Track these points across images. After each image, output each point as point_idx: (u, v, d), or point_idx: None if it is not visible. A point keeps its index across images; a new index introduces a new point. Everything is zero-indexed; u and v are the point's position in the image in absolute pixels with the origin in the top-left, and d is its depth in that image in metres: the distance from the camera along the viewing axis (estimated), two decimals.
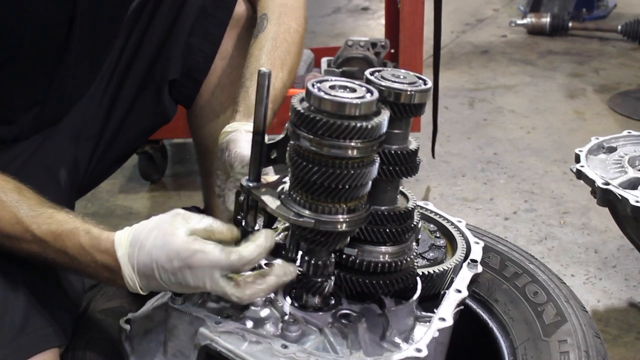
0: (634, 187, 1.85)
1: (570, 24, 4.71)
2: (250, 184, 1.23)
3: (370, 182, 1.19)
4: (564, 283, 1.59)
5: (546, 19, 4.69)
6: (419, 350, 1.20)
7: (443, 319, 1.29)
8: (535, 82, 4.01)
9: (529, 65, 4.26)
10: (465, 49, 4.55)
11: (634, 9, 5.06)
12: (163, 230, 1.18)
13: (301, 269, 1.27)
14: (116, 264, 1.22)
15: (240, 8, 1.76)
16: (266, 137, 1.21)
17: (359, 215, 1.20)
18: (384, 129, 1.14)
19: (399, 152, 1.22)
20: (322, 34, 4.74)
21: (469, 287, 1.41)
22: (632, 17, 4.56)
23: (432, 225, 1.60)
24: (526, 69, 4.20)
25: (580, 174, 1.94)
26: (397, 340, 1.27)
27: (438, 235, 1.57)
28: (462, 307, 1.38)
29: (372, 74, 1.22)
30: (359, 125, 1.10)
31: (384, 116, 1.14)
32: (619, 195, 1.80)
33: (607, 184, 1.84)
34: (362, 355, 1.19)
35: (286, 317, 1.26)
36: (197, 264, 1.16)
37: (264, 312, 1.29)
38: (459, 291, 1.38)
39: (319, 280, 1.27)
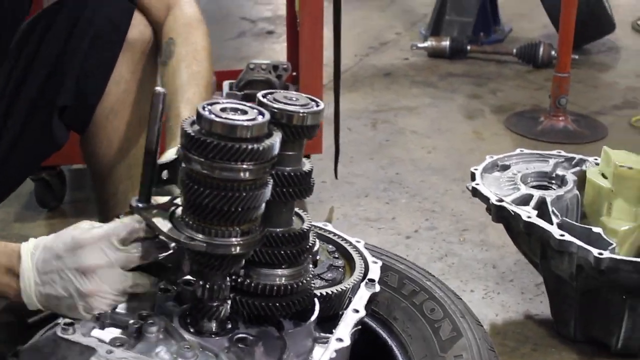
0: (526, 203, 1.92)
1: (469, 47, 4.85)
2: (140, 205, 1.21)
3: (263, 204, 1.19)
4: (460, 299, 1.62)
5: (446, 42, 4.82)
6: None
7: (340, 340, 1.29)
8: (436, 103, 4.11)
9: (430, 87, 4.36)
10: (369, 72, 4.63)
11: (528, 33, 5.25)
12: (63, 231, 1.24)
13: (196, 293, 1.25)
14: (18, 262, 1.21)
15: (135, 31, 1.74)
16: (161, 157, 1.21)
17: (253, 238, 1.19)
18: (276, 150, 1.15)
19: (292, 173, 1.23)
20: (227, 57, 4.72)
21: (367, 307, 1.42)
22: (527, 41, 4.75)
23: (330, 246, 1.60)
24: (427, 91, 4.30)
25: (475, 192, 2.00)
26: None
27: (337, 255, 1.57)
28: (359, 326, 1.38)
29: (264, 96, 1.22)
30: (250, 147, 1.10)
31: (276, 138, 1.15)
32: (512, 211, 1.86)
33: (501, 200, 1.91)
34: None
35: (181, 344, 1.24)
36: (88, 240, 1.20)
37: (159, 340, 1.26)
38: (357, 311, 1.39)
39: (215, 304, 1.25)
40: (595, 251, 1.78)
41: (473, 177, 2.06)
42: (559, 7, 3.58)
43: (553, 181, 2.11)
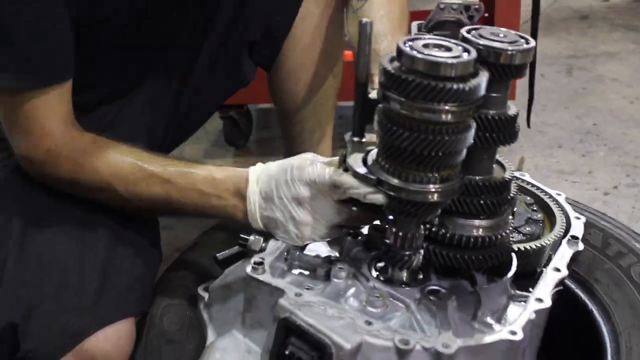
0: None
1: None
2: (355, 139, 1.20)
3: (465, 150, 1.10)
4: None
5: None
6: (513, 333, 1.11)
7: (540, 300, 1.19)
8: None
9: (632, 32, 4.01)
10: (564, 14, 4.33)
11: None
12: (286, 160, 1.29)
13: (388, 241, 1.19)
14: (246, 185, 1.30)
15: None
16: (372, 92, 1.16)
17: (452, 185, 1.11)
18: (482, 91, 1.05)
19: (497, 117, 1.12)
20: None
21: (568, 266, 1.31)
22: None
23: (529, 198, 1.49)
24: (630, 36, 3.96)
25: None
26: (490, 320, 1.18)
27: (535, 208, 1.46)
28: (560, 287, 1.27)
29: (469, 32, 1.12)
30: (454, 87, 1.01)
31: (482, 78, 1.04)
32: None
33: None
34: (451, 336, 1.11)
35: (370, 291, 1.19)
36: (306, 173, 1.23)
37: (347, 286, 1.22)
38: (558, 270, 1.28)
39: (407, 253, 1.18)
40: None
41: None
42: None
43: None
